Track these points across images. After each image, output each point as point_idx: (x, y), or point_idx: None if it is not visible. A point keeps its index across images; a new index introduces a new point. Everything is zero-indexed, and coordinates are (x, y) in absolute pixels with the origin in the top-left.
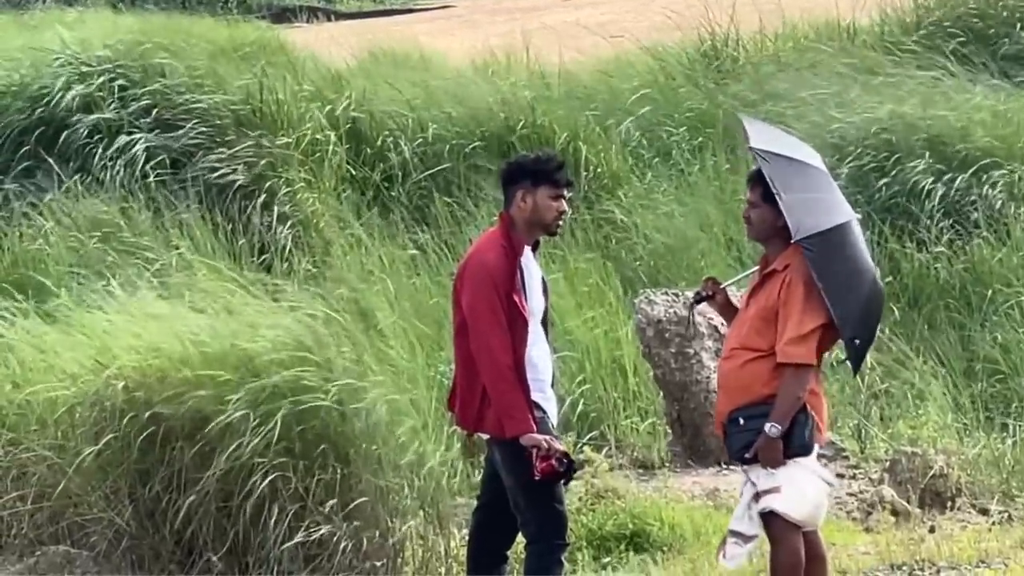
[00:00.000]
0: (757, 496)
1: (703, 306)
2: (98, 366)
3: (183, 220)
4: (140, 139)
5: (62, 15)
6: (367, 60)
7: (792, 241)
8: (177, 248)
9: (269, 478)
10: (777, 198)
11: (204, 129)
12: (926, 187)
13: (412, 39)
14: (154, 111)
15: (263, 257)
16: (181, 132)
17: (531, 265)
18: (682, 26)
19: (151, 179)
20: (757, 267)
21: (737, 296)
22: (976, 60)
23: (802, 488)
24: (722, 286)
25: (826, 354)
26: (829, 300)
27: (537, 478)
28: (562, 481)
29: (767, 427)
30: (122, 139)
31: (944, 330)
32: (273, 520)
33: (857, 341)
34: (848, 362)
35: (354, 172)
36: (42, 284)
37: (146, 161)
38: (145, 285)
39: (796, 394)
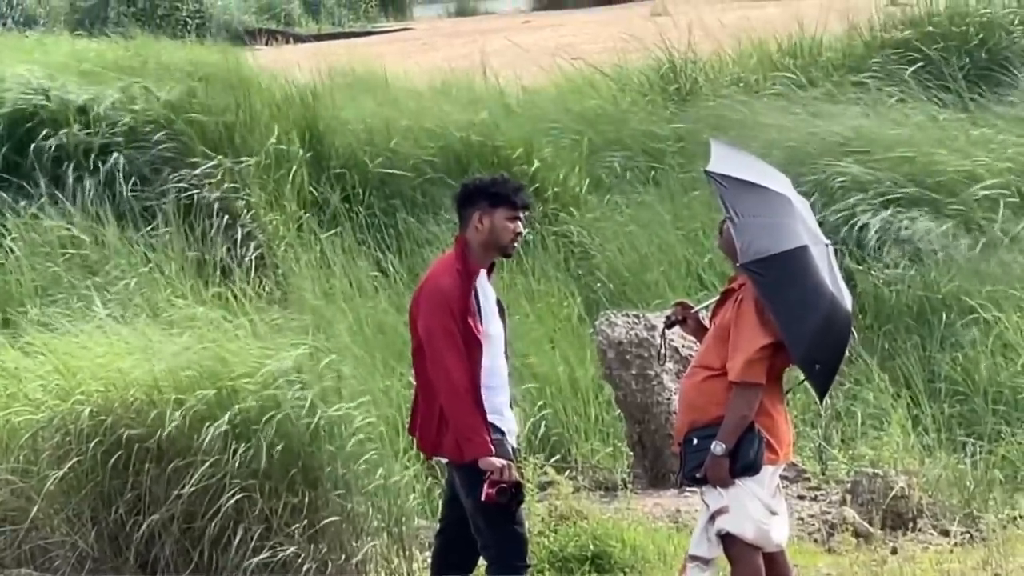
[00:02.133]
0: (712, 517)
1: (675, 329)
2: (63, 391)
3: (148, 241)
4: (105, 160)
5: (20, 39)
6: (327, 82)
7: (737, 264)
8: (146, 267)
9: (235, 499)
10: (729, 221)
11: (167, 151)
12: (881, 207)
13: (372, 60)
14: (116, 134)
15: (227, 277)
16: (143, 155)
17: (487, 287)
18: (641, 48)
19: (116, 200)
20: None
21: (707, 319)
22: (938, 81)
23: (746, 508)
24: (693, 311)
25: (787, 376)
26: (779, 323)
27: (483, 499)
28: (512, 504)
29: (713, 445)
30: (84, 161)
31: (904, 351)
32: (237, 541)
33: (818, 366)
34: (811, 386)
35: (316, 192)
36: (5, 306)
37: (109, 182)
38: (111, 307)
39: (742, 412)
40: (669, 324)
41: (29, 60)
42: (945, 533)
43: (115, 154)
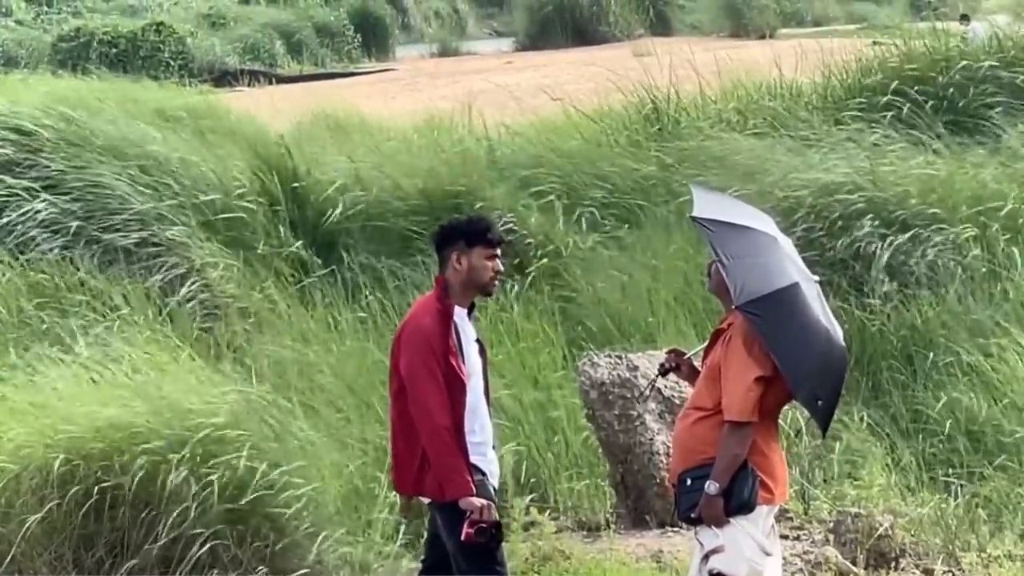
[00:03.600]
0: (706, 557)
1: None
2: (38, 437)
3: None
4: (72, 207)
5: (5, 79)
6: (308, 124)
7: (734, 307)
8: (115, 310)
9: (208, 544)
10: (720, 265)
11: (139, 198)
12: (868, 249)
13: (353, 103)
14: (82, 178)
15: (198, 326)
16: (118, 195)
17: (467, 327)
18: (623, 88)
19: (83, 243)
20: None
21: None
22: (918, 123)
23: (741, 548)
24: (686, 356)
25: (783, 414)
26: (780, 362)
27: (462, 539)
28: (491, 544)
29: (707, 485)
30: (43, 207)
31: (887, 389)
32: None
33: (820, 402)
34: (814, 422)
35: (294, 236)
36: None
37: (81, 226)
38: (85, 352)
39: (733, 451)
40: (663, 372)
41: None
42: (928, 572)
43: (82, 198)
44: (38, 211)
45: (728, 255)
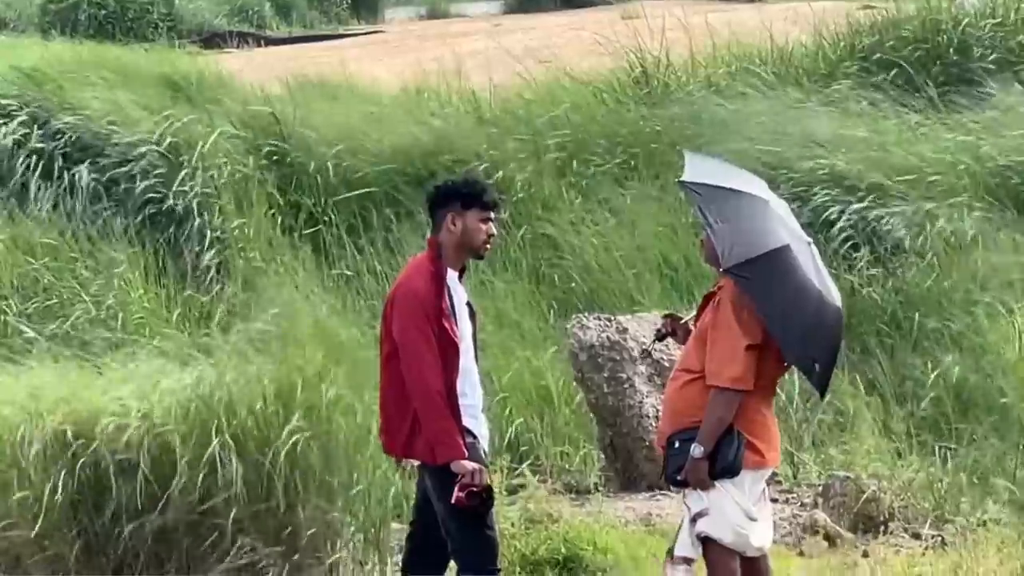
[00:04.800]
0: (694, 520)
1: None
2: (36, 412)
3: (116, 248)
4: (70, 168)
5: None
6: (297, 87)
7: (720, 270)
8: (112, 277)
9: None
10: (708, 228)
11: (133, 158)
12: (853, 210)
13: (342, 65)
14: (82, 140)
15: (195, 285)
16: (110, 161)
17: (459, 290)
18: (612, 52)
19: (80, 209)
20: None
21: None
22: (910, 86)
23: (725, 512)
24: (681, 322)
25: (782, 377)
26: (770, 325)
27: (452, 502)
28: (482, 508)
29: (692, 448)
30: (54, 168)
31: (875, 354)
32: (209, 544)
33: (817, 365)
34: (811, 385)
35: (283, 200)
36: None
37: (75, 190)
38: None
39: (719, 415)
40: (660, 337)
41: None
42: (916, 536)
43: (78, 164)
44: (59, 175)
45: (716, 219)
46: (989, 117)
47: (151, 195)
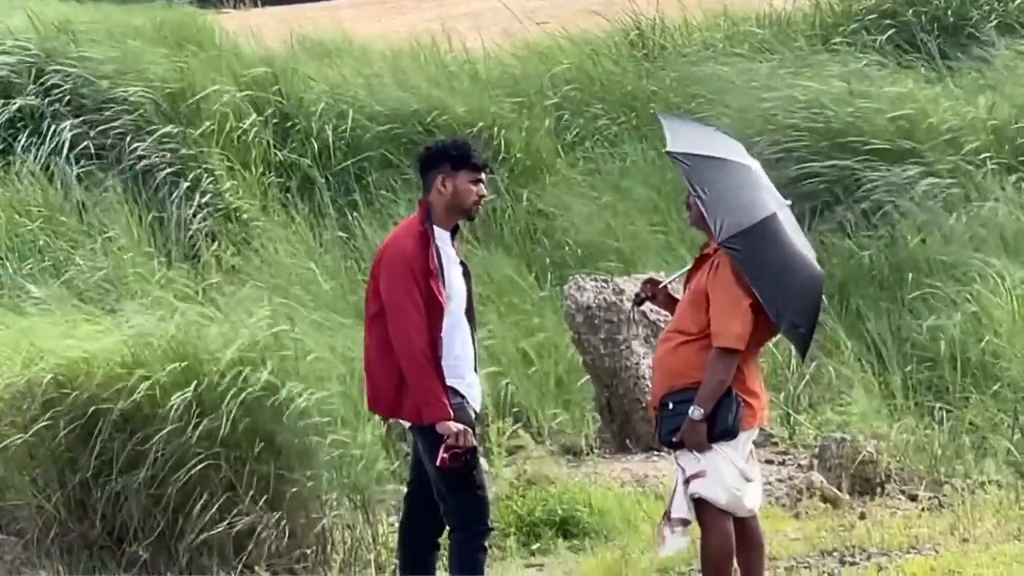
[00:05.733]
0: (687, 481)
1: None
2: (28, 359)
3: (108, 207)
4: (63, 126)
5: None
6: (294, 46)
7: (716, 243)
8: (106, 236)
9: (199, 468)
10: (698, 200)
11: (128, 117)
12: (849, 175)
13: (339, 24)
14: (75, 98)
15: (189, 244)
16: (103, 119)
17: (449, 251)
18: (609, 14)
19: (74, 167)
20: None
21: (679, 290)
22: (909, 48)
23: (722, 474)
24: (661, 284)
25: (769, 343)
26: (760, 295)
27: (437, 464)
28: (466, 469)
29: (691, 410)
30: (39, 124)
31: (871, 316)
32: (200, 508)
33: (801, 329)
34: (794, 348)
35: (280, 158)
36: None
37: (69, 148)
38: (76, 277)
39: (719, 377)
40: (639, 301)
41: None
42: (913, 498)
43: (71, 120)
44: (54, 132)
45: (705, 189)
46: (989, 77)
47: (145, 153)
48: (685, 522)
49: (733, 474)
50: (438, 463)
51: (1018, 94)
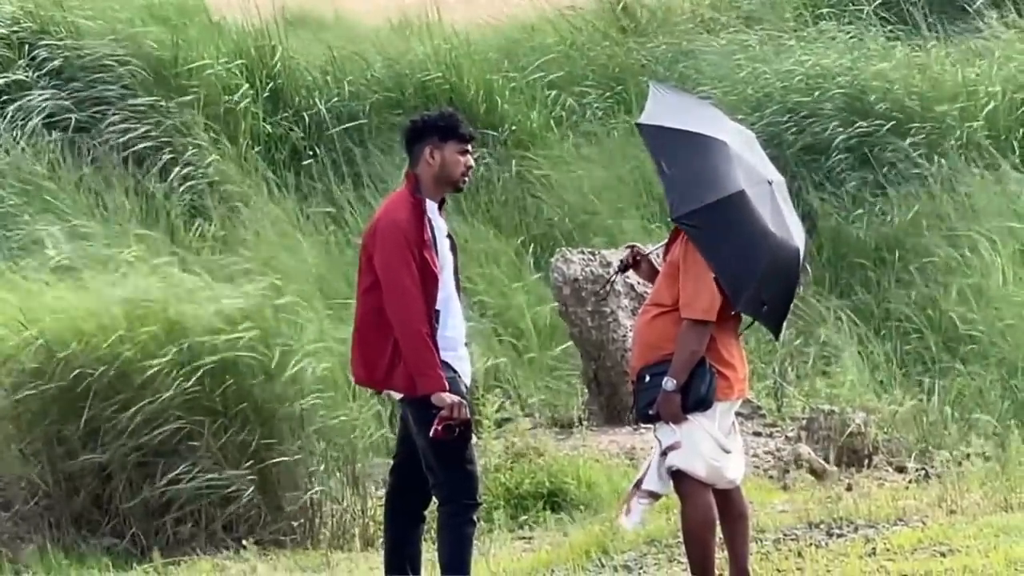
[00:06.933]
0: (664, 453)
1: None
2: (18, 326)
3: (93, 178)
4: (46, 96)
5: None
6: (284, 19)
7: (671, 219)
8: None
9: (187, 437)
10: (660, 175)
11: (114, 88)
12: (840, 143)
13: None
14: (60, 69)
15: (180, 213)
16: (90, 91)
17: (439, 222)
18: None
19: (56, 138)
20: None
21: (661, 260)
22: (899, 18)
23: (697, 445)
24: (645, 254)
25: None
26: (718, 274)
27: (431, 435)
28: (459, 441)
29: (664, 381)
30: (27, 96)
31: (859, 288)
32: (189, 479)
33: (765, 307)
34: (765, 327)
35: (270, 131)
36: None
37: (52, 119)
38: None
39: (691, 348)
40: (622, 268)
41: None
42: (901, 470)
43: (55, 91)
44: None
45: (668, 165)
46: (980, 46)
47: (131, 126)
48: (655, 495)
49: (710, 445)
50: (431, 434)
51: (1011, 66)
